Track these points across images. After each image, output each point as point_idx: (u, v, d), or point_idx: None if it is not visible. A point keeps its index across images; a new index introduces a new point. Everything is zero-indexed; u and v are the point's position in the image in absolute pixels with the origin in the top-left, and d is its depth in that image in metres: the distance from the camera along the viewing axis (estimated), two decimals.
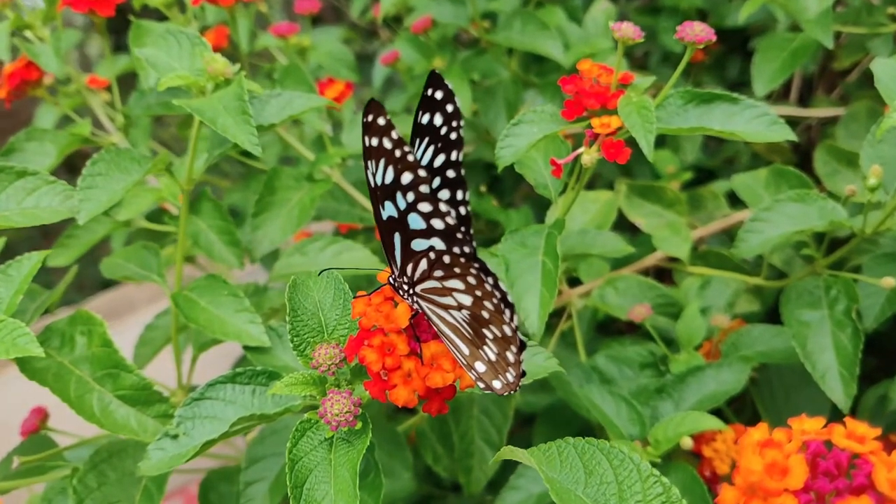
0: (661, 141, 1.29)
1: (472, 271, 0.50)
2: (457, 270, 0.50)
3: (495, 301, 0.50)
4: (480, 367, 0.52)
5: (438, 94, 0.53)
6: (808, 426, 0.43)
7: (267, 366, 0.66)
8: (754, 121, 0.67)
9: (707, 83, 1.41)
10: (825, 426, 0.43)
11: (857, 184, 0.83)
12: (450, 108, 0.53)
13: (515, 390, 0.52)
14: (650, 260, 1.03)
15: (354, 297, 0.56)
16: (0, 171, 0.64)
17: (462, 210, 0.55)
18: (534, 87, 1.27)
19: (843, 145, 1.00)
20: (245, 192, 1.29)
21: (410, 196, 0.50)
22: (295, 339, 0.56)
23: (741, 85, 1.43)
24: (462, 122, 0.54)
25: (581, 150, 0.69)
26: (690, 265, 0.97)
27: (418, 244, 0.52)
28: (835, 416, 0.83)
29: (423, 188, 0.49)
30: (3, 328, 0.59)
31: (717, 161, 1.41)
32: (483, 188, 1.33)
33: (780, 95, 1.40)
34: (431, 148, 0.54)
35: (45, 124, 1.16)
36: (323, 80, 1.12)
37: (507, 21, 1.14)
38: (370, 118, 0.49)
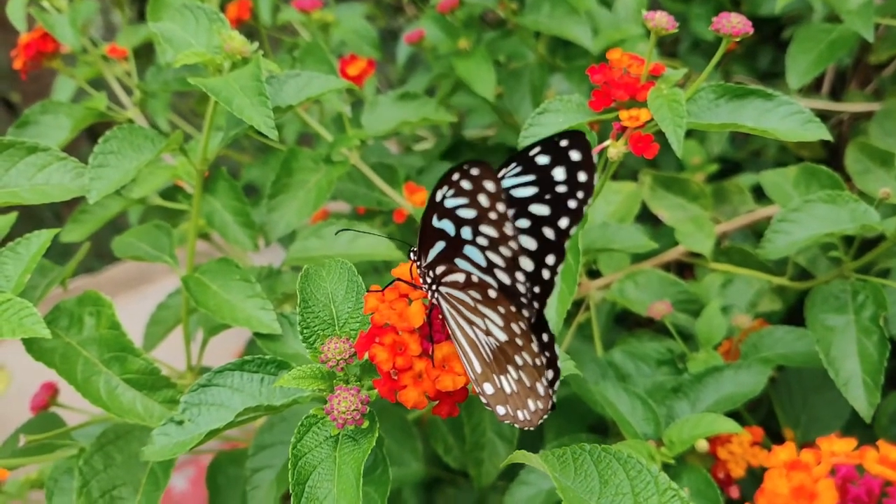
0: (688, 131, 1.26)
1: (501, 309, 0.47)
2: (492, 297, 0.48)
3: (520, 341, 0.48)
4: (489, 388, 0.50)
5: (575, 155, 0.47)
6: (839, 447, 0.41)
7: (277, 353, 0.65)
8: (788, 118, 0.65)
9: (737, 73, 1.38)
10: (856, 448, 0.41)
11: (891, 184, 0.80)
12: (582, 177, 0.48)
13: (534, 426, 0.50)
14: (672, 254, 1.01)
15: (368, 290, 0.55)
16: (11, 147, 0.63)
17: (545, 274, 0.50)
18: (560, 72, 1.24)
19: (877, 143, 0.97)
20: (263, 168, 1.28)
21: (483, 241, 0.47)
22: (305, 330, 0.55)
23: (772, 75, 1.39)
24: (589, 201, 0.48)
25: (607, 142, 0.67)
26: (713, 261, 0.94)
27: (463, 264, 0.49)
28: (854, 421, 0.81)
29: (504, 250, 0.46)
30: (10, 308, 0.58)
31: (743, 153, 1.38)
32: None
33: (811, 88, 1.36)
34: (533, 188, 0.49)
35: (62, 96, 1.15)
36: (345, 56, 1.10)
37: (535, 3, 1.11)
38: (478, 172, 0.44)
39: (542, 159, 0.48)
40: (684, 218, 1.00)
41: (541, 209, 0.49)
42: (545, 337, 0.51)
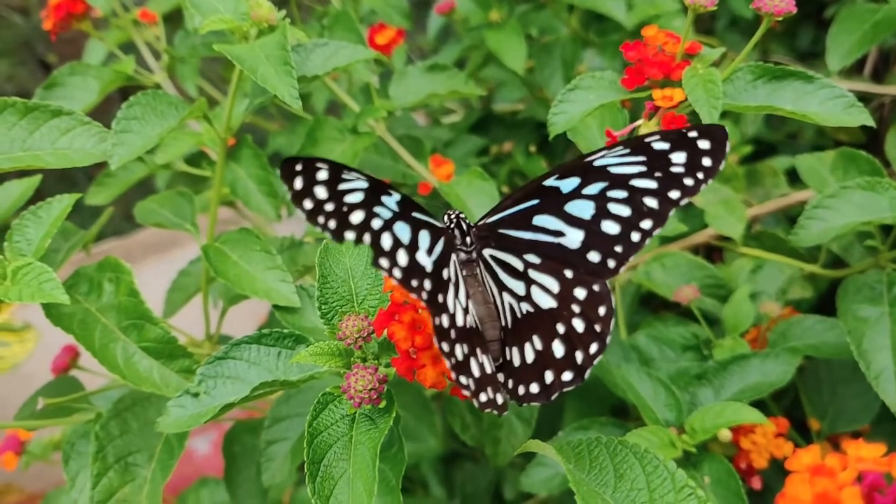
0: (723, 112, 1.24)
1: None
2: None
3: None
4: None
5: (704, 144, 0.51)
6: (866, 453, 0.39)
7: (295, 326, 0.64)
8: (829, 102, 0.62)
9: (776, 52, 1.35)
10: (886, 454, 0.39)
11: None
12: (707, 162, 0.51)
13: (481, 408, 0.50)
14: (701, 236, 0.99)
15: None
16: (35, 109, 0.62)
17: (635, 237, 0.52)
18: (593, 47, 1.22)
19: None
20: (291, 136, 1.27)
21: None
22: (323, 306, 0.54)
23: (812, 55, 1.36)
24: (710, 181, 0.51)
25: (639, 122, 0.65)
26: (743, 246, 0.92)
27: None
28: (884, 415, 0.79)
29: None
30: (30, 272, 0.58)
31: (779, 135, 1.35)
32: (533, 148, 1.29)
33: (853, 69, 1.32)
34: (639, 167, 0.52)
35: (94, 59, 1.15)
36: (375, 25, 1.09)
37: None
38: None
39: (661, 145, 0.51)
40: (715, 200, 0.98)
41: (646, 183, 0.52)
42: (602, 310, 0.52)
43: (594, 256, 0.53)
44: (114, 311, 0.64)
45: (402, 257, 0.48)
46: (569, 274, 0.53)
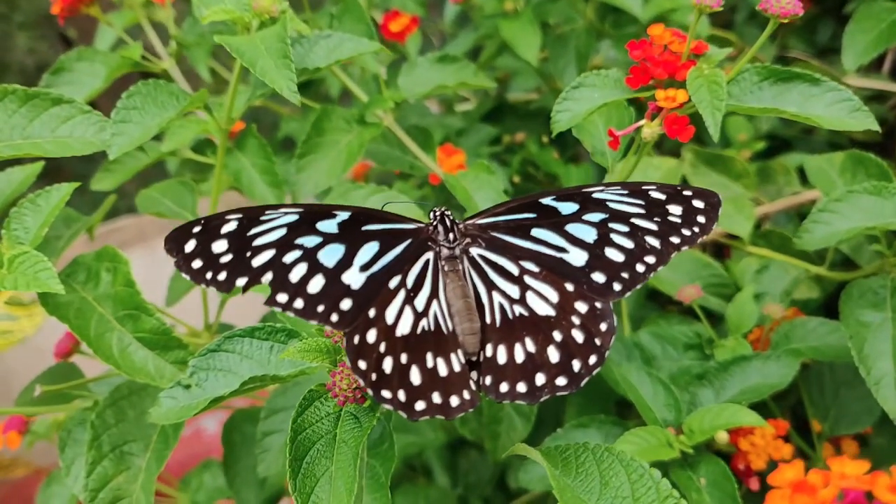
0: (728, 112, 1.22)
1: None
2: None
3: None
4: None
5: (698, 203, 0.54)
6: (850, 470, 0.39)
7: (289, 320, 0.64)
8: (834, 105, 0.61)
9: (794, 47, 1.33)
10: (869, 472, 0.39)
11: None
12: (701, 219, 0.53)
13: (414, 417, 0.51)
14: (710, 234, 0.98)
15: None
16: (35, 97, 0.62)
17: (640, 268, 0.54)
18: (608, 38, 1.20)
19: None
20: (302, 122, 1.27)
21: None
22: None
23: (831, 51, 1.33)
24: (705, 237, 0.53)
25: (641, 122, 0.64)
26: (751, 244, 0.91)
27: None
28: (885, 418, 0.79)
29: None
30: (26, 261, 0.58)
31: (794, 131, 1.33)
32: (545, 139, 1.28)
33: (871, 66, 1.30)
34: (638, 209, 0.54)
35: (106, 42, 1.15)
36: (389, 12, 1.08)
37: None
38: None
39: (657, 195, 0.54)
40: (725, 198, 0.97)
41: (646, 224, 0.54)
42: (604, 326, 0.52)
43: (599, 277, 0.54)
44: (110, 300, 0.64)
45: (315, 284, 0.50)
46: (570, 287, 0.54)
